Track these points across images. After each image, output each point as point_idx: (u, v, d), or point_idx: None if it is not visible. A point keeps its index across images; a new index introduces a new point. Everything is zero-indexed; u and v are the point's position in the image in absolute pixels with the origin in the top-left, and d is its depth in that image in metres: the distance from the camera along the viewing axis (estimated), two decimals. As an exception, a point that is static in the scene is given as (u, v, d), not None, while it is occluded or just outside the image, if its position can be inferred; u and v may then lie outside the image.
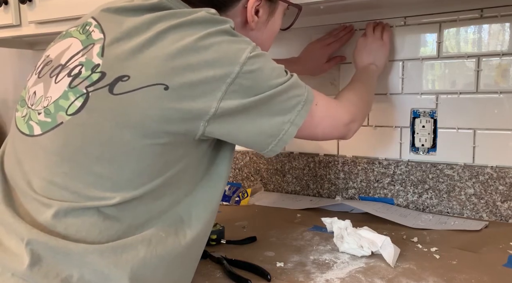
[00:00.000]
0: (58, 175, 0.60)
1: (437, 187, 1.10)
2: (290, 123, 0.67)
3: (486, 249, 0.85)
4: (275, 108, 0.66)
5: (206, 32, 0.61)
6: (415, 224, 1.00)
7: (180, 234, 0.64)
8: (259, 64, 0.63)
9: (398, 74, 1.13)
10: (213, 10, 0.65)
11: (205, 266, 0.79)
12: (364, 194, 1.19)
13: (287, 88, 0.67)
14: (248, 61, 0.62)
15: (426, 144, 1.11)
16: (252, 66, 0.62)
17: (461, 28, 1.05)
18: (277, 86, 0.65)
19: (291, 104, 0.68)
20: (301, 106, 0.68)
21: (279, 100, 0.66)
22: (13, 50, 1.74)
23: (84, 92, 0.61)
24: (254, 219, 1.09)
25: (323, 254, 0.84)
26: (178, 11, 0.64)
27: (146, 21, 0.62)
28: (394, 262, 0.79)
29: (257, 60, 0.63)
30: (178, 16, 0.62)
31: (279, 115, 0.66)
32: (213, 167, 0.70)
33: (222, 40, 0.62)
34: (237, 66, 0.61)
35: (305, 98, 0.69)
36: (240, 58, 0.61)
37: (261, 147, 0.68)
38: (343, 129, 0.81)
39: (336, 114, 0.80)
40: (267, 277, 0.74)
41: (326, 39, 1.17)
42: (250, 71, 0.62)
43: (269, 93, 0.64)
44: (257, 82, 0.63)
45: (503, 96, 1.02)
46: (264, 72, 0.64)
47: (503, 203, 1.03)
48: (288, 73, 0.69)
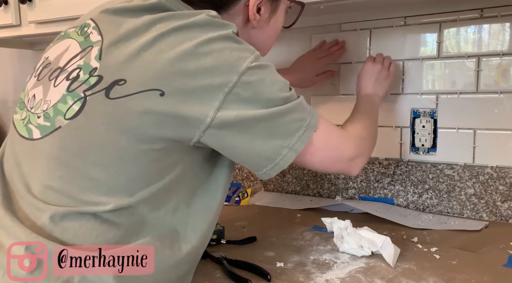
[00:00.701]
0: (55, 179, 0.60)
1: (437, 187, 1.10)
2: (289, 148, 0.64)
3: (486, 249, 0.85)
4: (275, 130, 0.63)
5: (207, 37, 0.59)
6: (415, 224, 1.00)
7: (175, 246, 0.64)
8: (259, 76, 0.61)
9: (398, 74, 1.12)
10: (214, 13, 0.64)
11: (205, 266, 0.79)
12: (364, 194, 1.19)
13: (290, 109, 0.64)
14: (248, 71, 0.60)
15: (426, 144, 1.11)
16: (251, 77, 0.60)
17: (461, 28, 1.05)
18: (278, 102, 0.63)
19: (293, 128, 0.64)
20: (302, 131, 0.65)
21: (281, 122, 0.63)
22: (13, 50, 1.74)
23: (82, 96, 0.60)
24: (254, 219, 1.09)
25: (323, 254, 0.84)
26: (178, 13, 0.63)
27: (145, 22, 0.61)
28: (394, 262, 0.79)
29: (258, 71, 0.61)
30: (178, 18, 0.61)
31: (279, 138, 0.63)
32: (212, 177, 0.69)
33: (224, 47, 0.60)
34: (235, 75, 0.59)
35: (308, 123, 0.66)
36: (240, 67, 0.59)
37: (255, 168, 0.66)
38: (346, 164, 0.76)
39: (340, 146, 0.75)
40: (267, 277, 0.74)
41: (317, 53, 1.15)
42: (249, 82, 0.60)
43: (271, 111, 0.62)
44: (256, 94, 0.61)
45: (503, 96, 1.02)
46: (265, 85, 0.62)
47: (503, 203, 1.03)
48: (292, 90, 0.66)
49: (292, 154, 0.65)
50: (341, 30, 1.18)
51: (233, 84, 0.59)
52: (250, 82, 0.60)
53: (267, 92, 0.62)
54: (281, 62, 1.28)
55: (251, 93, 0.60)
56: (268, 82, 0.62)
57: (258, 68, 0.61)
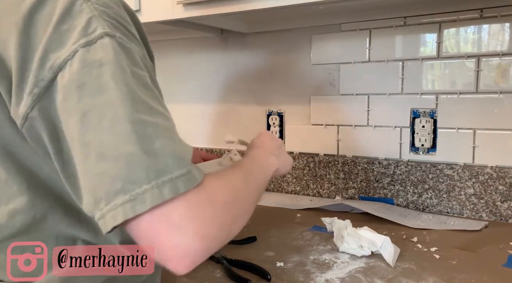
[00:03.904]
0: None
1: (437, 187, 1.10)
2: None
3: (486, 249, 0.85)
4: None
5: None
6: (415, 224, 1.00)
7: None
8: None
9: (398, 74, 1.13)
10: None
11: (205, 266, 0.79)
12: (364, 194, 1.19)
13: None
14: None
15: (426, 144, 1.11)
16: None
17: (461, 28, 1.05)
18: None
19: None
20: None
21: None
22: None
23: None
24: (254, 219, 1.09)
25: (323, 254, 0.84)
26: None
27: None
28: (394, 262, 0.79)
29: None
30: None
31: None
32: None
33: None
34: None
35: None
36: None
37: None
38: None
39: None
40: (267, 277, 0.74)
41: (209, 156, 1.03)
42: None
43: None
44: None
45: (503, 96, 1.02)
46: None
47: (503, 203, 1.03)
48: None
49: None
50: (341, 30, 1.19)
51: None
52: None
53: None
54: (281, 62, 1.28)
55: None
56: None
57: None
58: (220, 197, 0.49)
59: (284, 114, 1.31)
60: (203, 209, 0.45)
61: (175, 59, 1.47)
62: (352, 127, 1.20)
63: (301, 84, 1.26)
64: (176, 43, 1.45)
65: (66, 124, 0.45)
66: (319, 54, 1.22)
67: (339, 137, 1.23)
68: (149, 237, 0.43)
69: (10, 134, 0.51)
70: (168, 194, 0.42)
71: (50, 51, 0.45)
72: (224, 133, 1.40)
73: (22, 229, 0.53)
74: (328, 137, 1.24)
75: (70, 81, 0.44)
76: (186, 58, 1.45)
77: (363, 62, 1.17)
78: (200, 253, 0.44)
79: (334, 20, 1.18)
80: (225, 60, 1.38)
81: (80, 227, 0.55)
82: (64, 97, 0.44)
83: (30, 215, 0.53)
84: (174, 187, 0.43)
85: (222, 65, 1.39)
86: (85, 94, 0.44)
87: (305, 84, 1.26)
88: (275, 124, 1.33)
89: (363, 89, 1.17)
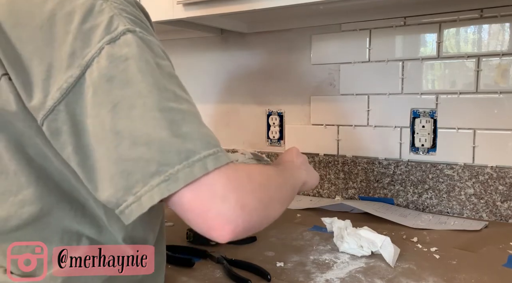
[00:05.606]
0: None
1: (437, 187, 1.10)
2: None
3: (486, 249, 0.85)
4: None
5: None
6: (415, 224, 1.00)
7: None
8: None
9: (398, 74, 1.13)
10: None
11: (205, 266, 0.79)
12: (364, 194, 1.19)
13: None
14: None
15: (426, 144, 1.11)
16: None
17: (461, 28, 1.05)
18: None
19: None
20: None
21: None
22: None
23: None
24: (254, 219, 1.09)
25: (323, 254, 0.84)
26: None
27: None
28: (394, 262, 0.79)
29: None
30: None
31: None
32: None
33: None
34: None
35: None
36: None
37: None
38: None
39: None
40: (267, 277, 0.74)
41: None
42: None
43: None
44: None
45: (503, 96, 1.02)
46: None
47: (503, 203, 1.03)
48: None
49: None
50: (341, 30, 1.19)
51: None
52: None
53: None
54: (281, 62, 1.28)
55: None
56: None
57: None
58: (257, 177, 0.53)
59: (284, 114, 1.31)
60: (242, 182, 0.49)
61: (175, 59, 1.45)
62: (352, 127, 1.20)
63: (301, 84, 1.26)
64: (176, 43, 1.45)
65: (96, 117, 0.47)
66: (319, 54, 1.23)
67: (339, 137, 1.23)
68: (194, 207, 0.46)
69: (23, 127, 0.52)
70: (199, 172, 0.45)
71: (77, 49, 0.48)
72: (224, 133, 1.40)
73: (29, 220, 0.54)
74: (328, 137, 1.24)
75: (99, 77, 0.47)
76: (186, 58, 1.45)
77: (363, 62, 1.17)
78: (241, 222, 0.47)
79: (334, 20, 1.18)
80: (225, 60, 1.38)
81: (85, 223, 0.56)
82: (94, 92, 0.47)
83: (38, 206, 0.54)
84: (203, 165, 0.46)
85: (222, 65, 1.39)
86: (115, 87, 0.47)
87: (305, 84, 1.26)
88: (275, 124, 1.33)
89: (363, 89, 1.17)
